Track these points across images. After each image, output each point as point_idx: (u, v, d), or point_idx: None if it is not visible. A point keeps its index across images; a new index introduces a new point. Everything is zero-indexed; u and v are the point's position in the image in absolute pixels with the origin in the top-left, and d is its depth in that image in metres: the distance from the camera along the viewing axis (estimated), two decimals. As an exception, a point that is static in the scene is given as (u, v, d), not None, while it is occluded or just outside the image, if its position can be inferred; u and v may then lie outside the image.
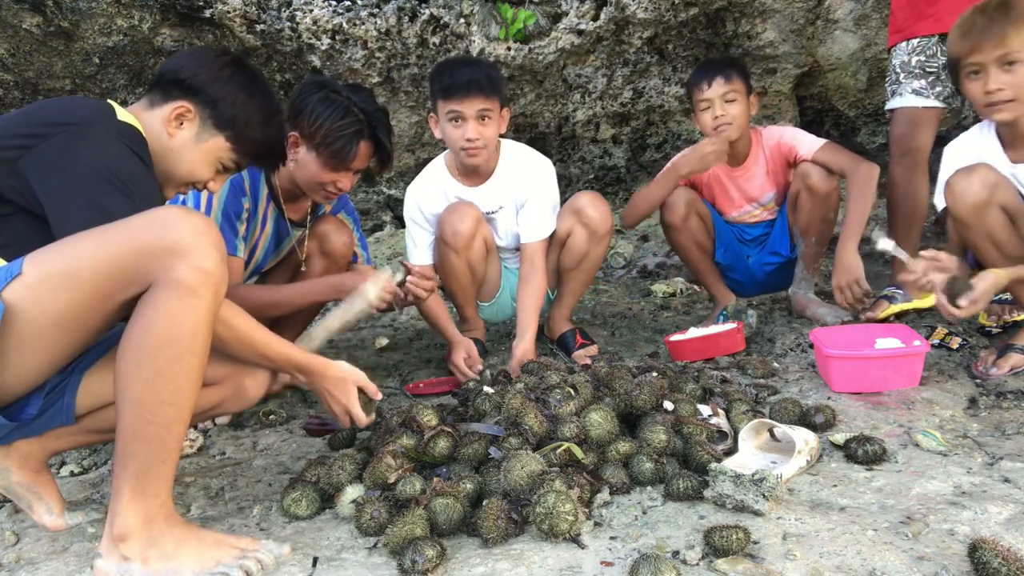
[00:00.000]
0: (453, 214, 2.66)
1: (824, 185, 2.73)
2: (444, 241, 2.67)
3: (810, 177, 2.74)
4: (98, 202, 1.39)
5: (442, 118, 2.57)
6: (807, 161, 2.78)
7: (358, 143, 2.24)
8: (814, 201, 2.76)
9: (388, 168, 2.41)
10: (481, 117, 2.53)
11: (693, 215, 2.90)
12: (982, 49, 2.02)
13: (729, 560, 1.32)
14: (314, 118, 2.20)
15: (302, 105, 2.23)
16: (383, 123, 2.31)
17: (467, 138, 2.54)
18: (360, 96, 2.29)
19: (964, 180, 2.13)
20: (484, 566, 1.36)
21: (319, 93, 2.24)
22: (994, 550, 1.25)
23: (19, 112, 1.54)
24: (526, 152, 2.79)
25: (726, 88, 2.72)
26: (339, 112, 2.21)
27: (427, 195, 2.76)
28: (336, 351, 3.21)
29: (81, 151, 1.42)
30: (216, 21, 3.53)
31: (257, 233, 2.39)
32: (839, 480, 1.65)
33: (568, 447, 1.63)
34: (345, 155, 2.23)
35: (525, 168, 2.74)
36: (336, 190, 2.32)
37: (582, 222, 2.72)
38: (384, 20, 3.50)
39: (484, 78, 2.51)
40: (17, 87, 3.85)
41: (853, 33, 3.65)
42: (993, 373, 2.21)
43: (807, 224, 2.82)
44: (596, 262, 2.80)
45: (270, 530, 1.59)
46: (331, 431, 2.20)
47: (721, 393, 2.06)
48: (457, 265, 2.71)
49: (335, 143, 2.21)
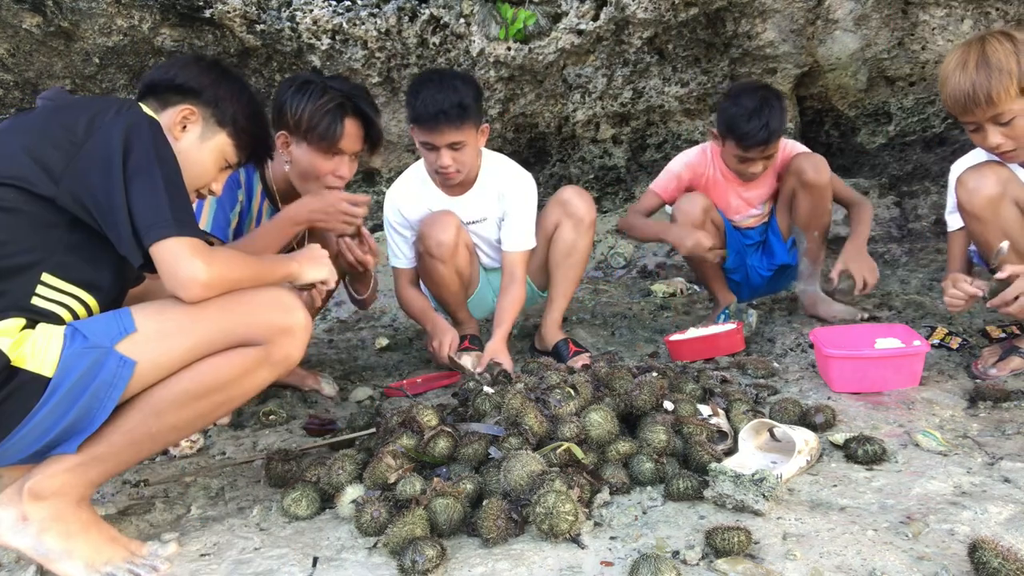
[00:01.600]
0: (435, 226, 2.65)
1: (818, 177, 2.73)
2: (429, 253, 2.67)
3: (805, 173, 2.74)
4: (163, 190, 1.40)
5: (416, 140, 2.57)
6: (797, 155, 2.79)
7: (343, 118, 2.21)
8: (811, 194, 2.76)
9: (380, 146, 2.39)
10: (452, 146, 2.52)
11: (709, 223, 2.90)
12: (973, 113, 2.04)
13: (729, 560, 1.32)
14: (295, 108, 2.20)
15: (281, 101, 2.24)
16: (364, 98, 2.29)
17: (441, 165, 2.55)
18: (335, 80, 2.29)
19: (977, 176, 2.12)
20: (484, 566, 1.36)
21: (293, 86, 2.25)
22: (994, 550, 1.25)
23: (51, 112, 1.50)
24: (508, 166, 2.79)
25: (766, 156, 2.71)
26: (317, 94, 2.20)
27: (407, 202, 2.76)
28: (336, 351, 3.22)
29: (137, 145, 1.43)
30: (216, 21, 3.53)
31: (252, 228, 2.37)
32: (839, 480, 1.65)
33: (568, 447, 1.63)
34: (333, 132, 2.20)
35: (507, 182, 2.75)
36: (337, 179, 2.29)
37: (568, 213, 2.75)
38: (384, 20, 3.50)
39: (454, 109, 2.44)
40: (17, 87, 3.85)
41: (853, 33, 3.65)
42: (992, 373, 2.21)
43: (808, 219, 2.82)
44: (584, 254, 2.81)
45: (270, 530, 1.59)
46: (331, 431, 2.20)
47: (721, 393, 2.06)
48: (445, 275, 2.72)
49: (320, 123, 2.19)
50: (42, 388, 1.31)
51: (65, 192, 1.38)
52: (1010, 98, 1.98)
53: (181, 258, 1.37)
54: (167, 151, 1.45)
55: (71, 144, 1.39)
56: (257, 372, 1.49)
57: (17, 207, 1.36)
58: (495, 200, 2.76)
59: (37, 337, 1.33)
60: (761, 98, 2.61)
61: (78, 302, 1.43)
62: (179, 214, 1.39)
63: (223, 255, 1.46)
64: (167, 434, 1.47)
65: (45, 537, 1.36)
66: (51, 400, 1.31)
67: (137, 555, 1.44)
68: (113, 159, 1.37)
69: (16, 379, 1.29)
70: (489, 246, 2.86)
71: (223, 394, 1.47)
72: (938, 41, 3.61)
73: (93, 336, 1.35)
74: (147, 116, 1.47)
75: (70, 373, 1.32)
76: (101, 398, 1.34)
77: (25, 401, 1.30)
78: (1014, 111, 2.00)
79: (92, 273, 1.45)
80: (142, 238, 1.36)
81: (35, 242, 1.37)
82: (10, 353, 1.29)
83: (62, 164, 1.38)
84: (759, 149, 2.66)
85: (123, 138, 1.39)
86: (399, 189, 2.79)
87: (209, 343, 1.43)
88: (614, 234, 4.47)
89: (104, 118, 1.42)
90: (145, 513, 1.72)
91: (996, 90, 1.97)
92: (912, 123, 4.12)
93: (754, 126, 2.60)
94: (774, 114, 2.61)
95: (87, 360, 1.33)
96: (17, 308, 1.34)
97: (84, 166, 1.38)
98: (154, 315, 1.41)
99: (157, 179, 1.38)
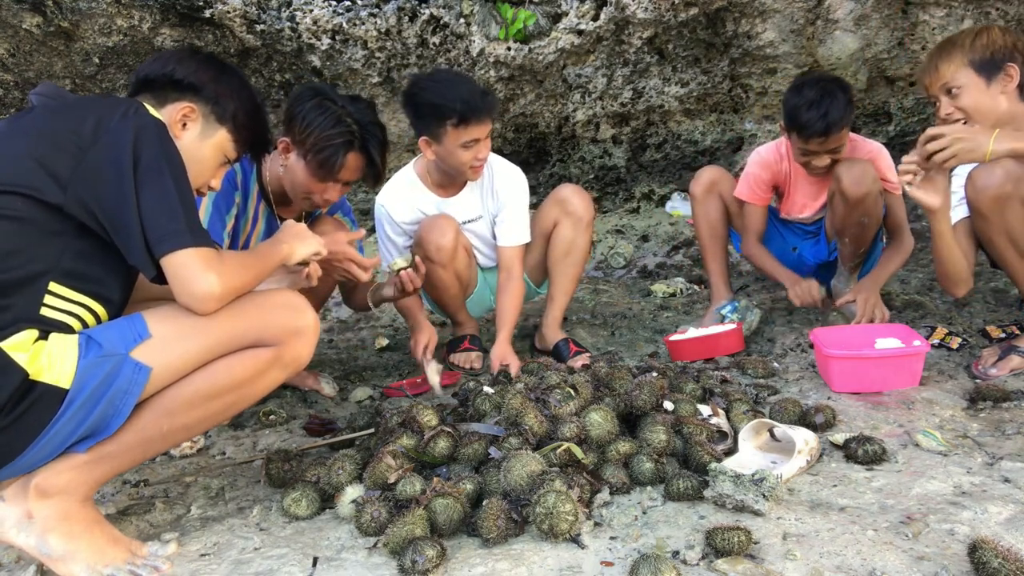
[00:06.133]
0: (433, 231, 2.65)
1: (855, 190, 2.60)
2: (428, 258, 2.66)
3: (841, 181, 2.62)
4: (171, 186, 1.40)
5: (452, 143, 2.49)
6: (843, 161, 2.67)
7: (346, 154, 2.18)
8: (846, 205, 2.65)
9: (380, 183, 2.38)
10: (488, 135, 2.54)
11: (715, 195, 2.90)
12: (929, 85, 2.23)
13: (729, 560, 1.32)
14: (305, 124, 2.16)
15: (295, 111, 2.19)
16: (377, 137, 2.23)
17: (480, 157, 2.54)
18: (357, 107, 2.22)
19: (987, 172, 2.10)
20: (484, 566, 1.36)
21: (313, 100, 2.19)
22: (994, 550, 1.25)
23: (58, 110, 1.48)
24: (498, 162, 2.78)
25: (828, 149, 2.65)
26: (330, 121, 2.15)
27: (400, 205, 2.75)
28: (337, 351, 3.22)
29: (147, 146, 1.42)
30: (216, 21, 3.53)
31: (248, 229, 2.37)
32: (839, 480, 1.65)
33: (568, 447, 1.63)
34: (331, 165, 2.17)
35: (498, 179, 2.74)
36: (323, 201, 2.28)
37: (566, 211, 2.75)
38: (384, 20, 3.50)
39: (487, 97, 2.48)
40: (17, 87, 3.85)
41: (853, 33, 3.65)
42: (992, 373, 2.21)
43: (841, 225, 2.75)
44: (583, 252, 2.81)
45: (270, 530, 1.59)
46: (331, 431, 2.20)
47: (721, 393, 2.06)
48: (445, 278, 2.72)
49: (322, 152, 2.15)
50: (60, 399, 1.31)
51: (73, 199, 1.35)
52: (955, 68, 2.15)
53: (195, 272, 1.36)
54: (175, 155, 1.44)
55: (78, 148, 1.37)
56: (269, 373, 1.51)
57: (24, 215, 1.34)
58: (488, 198, 2.76)
59: (52, 348, 1.32)
60: (822, 88, 2.55)
61: (87, 311, 1.41)
62: (191, 223, 1.38)
63: (230, 263, 1.45)
64: (178, 433, 1.48)
65: (49, 537, 1.36)
66: (69, 410, 1.32)
67: (138, 556, 1.44)
68: (124, 166, 1.35)
69: (34, 392, 1.29)
70: (485, 244, 2.86)
71: (236, 394, 1.49)
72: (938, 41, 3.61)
73: (108, 344, 1.35)
74: (154, 118, 1.45)
75: (87, 383, 1.32)
76: (117, 405, 1.35)
77: (44, 413, 1.30)
78: (960, 82, 2.14)
79: (99, 281, 1.43)
80: (153, 249, 1.35)
81: (42, 251, 1.35)
82: (28, 367, 1.28)
83: (69, 169, 1.35)
84: (818, 140, 2.58)
85: (132, 143, 1.37)
86: (389, 193, 2.77)
87: (222, 345, 1.44)
88: (614, 234, 4.47)
89: (111, 121, 1.39)
90: (145, 513, 1.72)
91: (943, 60, 2.17)
92: (912, 123, 4.11)
93: (812, 116, 2.54)
94: (835, 105, 2.52)
95: (103, 369, 1.33)
96: (28, 320, 1.33)
97: (93, 172, 1.36)
98: (167, 320, 1.41)
99: (168, 186, 1.37)
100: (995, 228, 2.13)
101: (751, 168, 2.92)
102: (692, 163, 4.36)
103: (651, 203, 4.65)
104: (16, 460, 1.33)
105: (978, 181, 2.13)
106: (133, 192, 1.35)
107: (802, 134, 2.60)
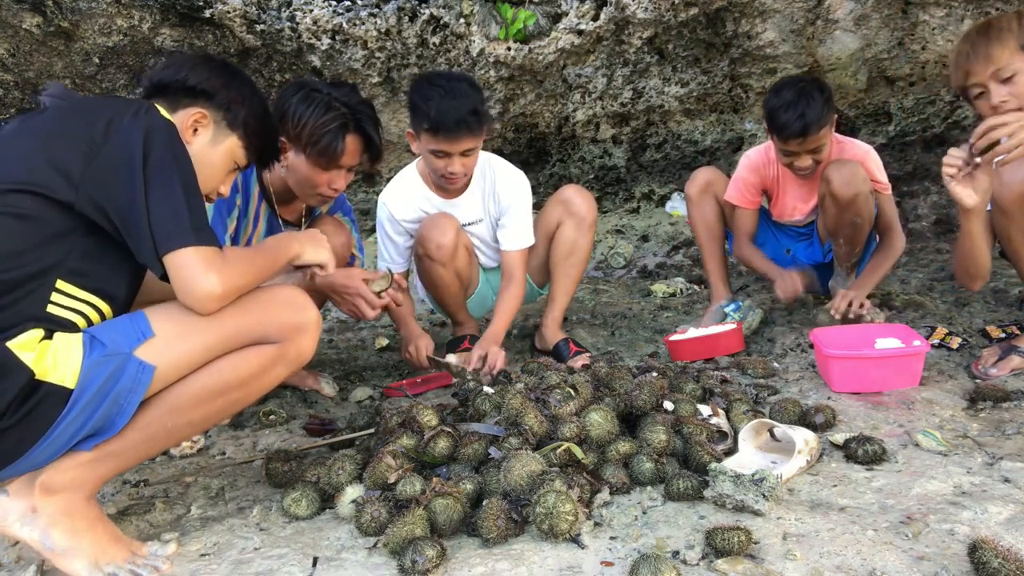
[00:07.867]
0: (434, 229, 2.64)
1: (844, 192, 2.61)
2: (429, 256, 2.66)
3: (831, 182, 2.63)
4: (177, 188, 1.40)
5: (424, 147, 2.51)
6: (833, 161, 2.68)
7: (344, 137, 2.19)
8: (837, 207, 2.66)
9: (380, 162, 2.37)
10: (464, 153, 2.51)
11: (710, 196, 2.90)
12: (975, 72, 2.09)
13: (729, 560, 1.32)
14: (297, 118, 2.16)
15: (284, 108, 2.19)
16: (368, 115, 2.25)
17: (451, 172, 2.53)
18: (341, 91, 2.24)
19: (1013, 169, 2.05)
20: (484, 566, 1.36)
21: (299, 93, 2.20)
22: (994, 550, 1.25)
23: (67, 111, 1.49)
24: (501, 165, 2.78)
25: (809, 149, 2.65)
26: (321, 109, 2.16)
27: (402, 205, 2.75)
28: (337, 352, 3.21)
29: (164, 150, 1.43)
30: (216, 21, 3.53)
31: (249, 231, 2.37)
32: (839, 480, 1.65)
33: (568, 447, 1.63)
34: (333, 151, 2.18)
35: (501, 182, 2.74)
36: (332, 191, 2.28)
37: (569, 212, 2.76)
38: (384, 20, 3.50)
39: (472, 117, 2.42)
40: (17, 87, 3.85)
41: (853, 33, 3.65)
42: (992, 373, 2.21)
43: (834, 227, 2.76)
44: (585, 253, 2.81)
45: (270, 530, 1.59)
46: (331, 431, 2.20)
47: (721, 393, 2.06)
48: (445, 276, 2.72)
49: (321, 140, 2.16)
50: (65, 399, 1.31)
51: (84, 197, 1.36)
52: (1009, 52, 2.02)
53: (196, 271, 1.37)
54: (184, 156, 1.44)
55: (89, 148, 1.37)
56: (273, 369, 1.52)
57: (34, 214, 1.35)
58: (490, 200, 2.76)
59: (57, 348, 1.32)
60: (800, 90, 2.57)
61: (92, 308, 1.42)
62: (196, 222, 1.39)
63: (234, 262, 1.45)
64: (183, 430, 1.48)
65: (53, 531, 1.37)
66: (73, 410, 1.32)
67: (139, 555, 1.45)
68: (135, 165, 1.36)
69: (40, 392, 1.30)
70: (487, 246, 2.86)
71: (240, 391, 1.50)
72: (938, 41, 3.61)
73: (112, 343, 1.35)
74: (165, 120, 1.46)
75: (91, 382, 1.32)
76: (122, 404, 1.35)
77: (48, 412, 1.31)
78: (1015, 67, 2.02)
79: (107, 280, 1.44)
80: (159, 246, 1.36)
81: (50, 249, 1.36)
82: (34, 367, 1.29)
83: (81, 168, 1.36)
84: (797, 141, 2.60)
85: (143, 142, 1.38)
86: (392, 192, 2.77)
87: (225, 343, 1.44)
88: (614, 234, 4.48)
89: (122, 121, 1.40)
90: (145, 513, 1.72)
91: (994, 44, 2.03)
92: (912, 123, 4.12)
93: (789, 117, 2.56)
94: (812, 105, 2.54)
95: (107, 368, 1.33)
96: (34, 318, 1.33)
97: (104, 171, 1.37)
98: (170, 318, 1.41)
99: (175, 186, 1.38)
100: (1016, 225, 2.10)
101: (740, 172, 2.93)
102: (692, 163, 4.36)
103: (651, 203, 4.66)
104: (22, 458, 1.33)
105: (1004, 176, 2.08)
106: (143, 191, 1.36)
107: (781, 135, 2.62)
